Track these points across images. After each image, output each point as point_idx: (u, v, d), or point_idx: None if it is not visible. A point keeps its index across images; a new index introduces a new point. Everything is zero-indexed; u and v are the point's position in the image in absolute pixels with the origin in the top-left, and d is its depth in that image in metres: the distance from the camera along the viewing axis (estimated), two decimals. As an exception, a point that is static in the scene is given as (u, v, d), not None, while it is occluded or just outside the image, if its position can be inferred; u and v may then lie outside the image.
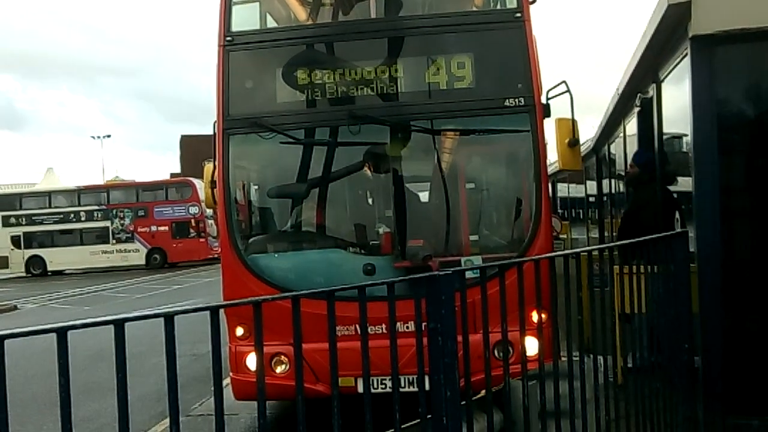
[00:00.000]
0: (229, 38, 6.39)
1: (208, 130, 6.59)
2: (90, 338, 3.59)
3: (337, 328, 2.77)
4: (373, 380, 5.26)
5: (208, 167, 6.67)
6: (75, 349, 1.96)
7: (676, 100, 5.97)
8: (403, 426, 2.97)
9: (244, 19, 6.89)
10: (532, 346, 4.03)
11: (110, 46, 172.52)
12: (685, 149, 5.93)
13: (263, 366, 2.74)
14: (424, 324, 3.04)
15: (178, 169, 62.46)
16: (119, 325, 2.04)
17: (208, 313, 2.36)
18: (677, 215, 6.37)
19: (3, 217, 36.73)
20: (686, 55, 5.00)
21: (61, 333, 1.90)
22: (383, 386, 5.53)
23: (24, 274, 36.58)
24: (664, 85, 6.36)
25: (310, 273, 6.38)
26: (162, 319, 2.18)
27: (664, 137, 6.55)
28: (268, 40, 6.73)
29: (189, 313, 2.31)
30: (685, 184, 5.70)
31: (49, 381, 2.44)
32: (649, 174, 6.94)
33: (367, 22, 6.78)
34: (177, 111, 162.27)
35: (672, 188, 6.55)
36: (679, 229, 5.49)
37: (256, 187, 7.19)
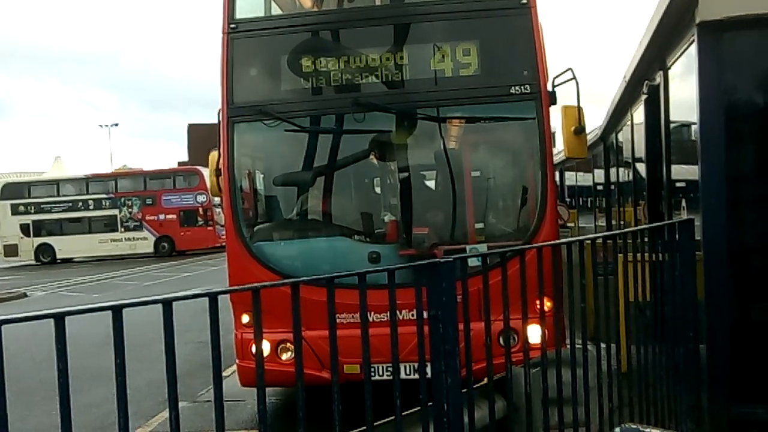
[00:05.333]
0: (233, 25, 6.37)
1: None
2: (97, 325, 3.60)
3: (342, 315, 2.79)
4: (377, 367, 5.33)
5: (213, 155, 6.65)
6: (83, 336, 1.97)
7: (683, 88, 5.91)
8: (404, 413, 2.98)
9: (249, 6, 6.86)
10: (535, 334, 4.02)
11: (74, 35, 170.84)
12: (693, 137, 5.87)
13: (262, 352, 2.75)
14: (426, 312, 3.04)
15: (185, 158, 62.55)
16: (117, 311, 2.05)
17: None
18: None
19: (12, 205, 36.87)
20: (693, 41, 4.94)
21: (59, 318, 1.90)
22: (388, 373, 5.53)
23: (33, 262, 36.82)
24: (671, 73, 6.29)
25: (315, 261, 6.37)
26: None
27: (672, 125, 6.49)
28: (272, 27, 6.70)
29: (189, 300, 2.32)
30: (692, 172, 5.66)
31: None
32: None
33: (372, 9, 6.75)
34: (154, 99, 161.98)
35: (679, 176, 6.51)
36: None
37: (262, 175, 7.18)
